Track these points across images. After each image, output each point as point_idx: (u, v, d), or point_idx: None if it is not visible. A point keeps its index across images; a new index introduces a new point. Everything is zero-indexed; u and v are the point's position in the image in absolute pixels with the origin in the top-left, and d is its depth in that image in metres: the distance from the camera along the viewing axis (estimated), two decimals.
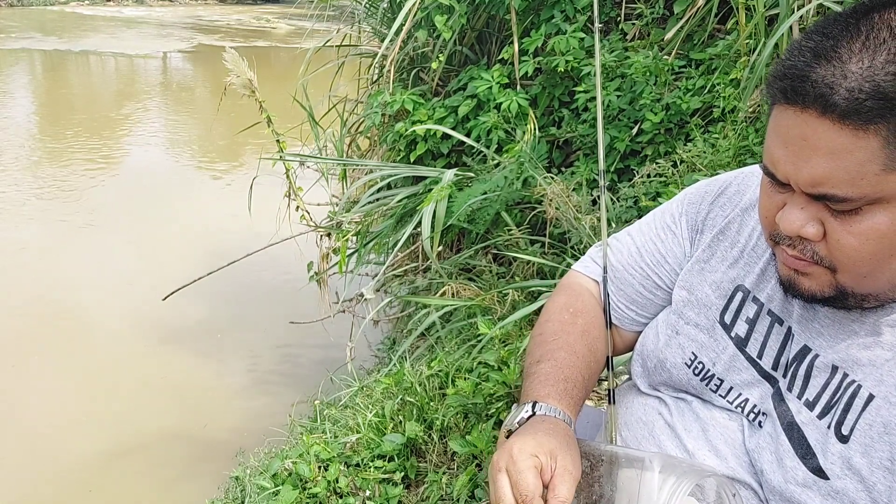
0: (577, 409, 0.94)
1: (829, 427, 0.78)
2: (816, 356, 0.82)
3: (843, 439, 0.77)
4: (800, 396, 0.82)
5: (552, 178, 2.71)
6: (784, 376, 0.85)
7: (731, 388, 0.90)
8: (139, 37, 15.76)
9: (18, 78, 11.53)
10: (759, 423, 0.86)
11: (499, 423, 1.80)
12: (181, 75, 13.02)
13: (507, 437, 0.91)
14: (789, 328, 0.86)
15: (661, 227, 1.03)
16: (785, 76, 0.69)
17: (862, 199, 0.68)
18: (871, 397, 0.76)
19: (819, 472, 0.77)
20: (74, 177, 6.79)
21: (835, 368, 0.80)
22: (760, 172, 0.79)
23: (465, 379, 2.01)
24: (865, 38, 0.66)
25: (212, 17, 19.81)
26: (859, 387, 0.77)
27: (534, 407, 0.91)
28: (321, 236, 3.62)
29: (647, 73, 2.85)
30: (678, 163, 2.51)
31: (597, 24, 1.38)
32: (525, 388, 0.97)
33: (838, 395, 0.79)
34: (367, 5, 4.46)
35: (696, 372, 0.93)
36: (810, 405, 0.81)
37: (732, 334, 0.91)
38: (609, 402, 1.01)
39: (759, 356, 0.88)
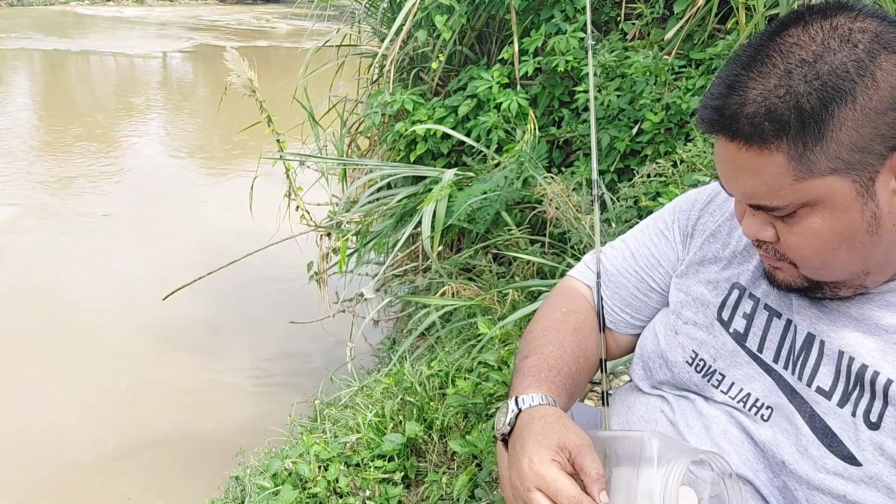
0: (563, 396, 0.94)
1: (853, 415, 0.79)
2: (822, 342, 0.84)
3: (874, 426, 0.78)
4: (810, 384, 0.83)
5: (552, 177, 2.71)
6: (786, 367, 0.86)
7: (732, 384, 0.91)
8: (139, 37, 15.76)
9: (18, 77, 11.53)
10: (763, 416, 0.87)
11: None
12: (181, 75, 13.02)
13: (503, 441, 0.92)
14: (788, 320, 0.88)
15: (654, 233, 1.06)
16: (705, 107, 0.77)
17: (789, 205, 0.75)
18: (889, 382, 0.78)
19: (850, 460, 0.79)
20: (73, 177, 6.79)
21: (841, 354, 0.82)
22: None
23: (465, 379, 2.01)
24: (762, 63, 0.73)
25: (212, 17, 19.79)
26: (877, 373, 0.79)
27: (517, 403, 0.91)
28: (321, 236, 3.62)
29: (647, 73, 2.85)
30: (678, 163, 2.51)
31: (589, 39, 1.41)
32: (511, 385, 0.98)
33: (852, 381, 0.80)
34: (367, 5, 4.46)
35: (698, 369, 0.94)
36: (825, 394, 0.82)
37: (731, 330, 0.92)
38: (603, 404, 1.03)
39: (760, 350, 0.89)
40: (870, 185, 0.73)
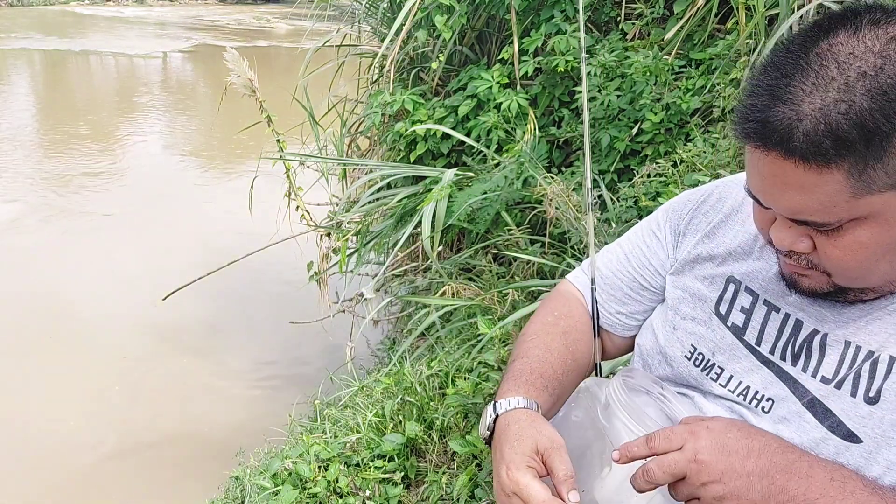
0: (544, 397, 0.97)
1: (851, 395, 0.81)
2: (826, 335, 0.85)
3: (872, 401, 0.79)
4: (814, 375, 0.84)
5: (552, 177, 2.71)
6: (784, 359, 0.87)
7: (731, 377, 0.92)
8: (139, 37, 15.76)
9: (18, 78, 11.52)
10: (763, 408, 0.88)
11: None
12: (181, 75, 13.02)
13: (486, 444, 0.97)
14: (787, 314, 0.89)
15: (646, 234, 1.08)
16: (747, 118, 0.72)
17: (839, 221, 0.73)
18: (892, 359, 0.79)
19: (850, 437, 0.80)
20: (74, 177, 6.79)
21: (847, 343, 0.83)
22: (740, 180, 0.83)
23: (465, 379, 2.01)
24: (816, 75, 0.68)
25: (212, 16, 19.80)
26: (879, 355, 0.80)
27: (494, 408, 0.95)
28: (321, 236, 3.62)
29: (647, 73, 2.85)
30: (678, 163, 2.51)
31: (583, 55, 1.44)
32: (497, 389, 1.01)
33: (855, 366, 0.82)
34: (367, 5, 4.46)
35: (697, 363, 0.95)
36: (827, 381, 0.83)
37: (729, 323, 0.93)
38: None
39: (758, 343, 0.90)
40: None
